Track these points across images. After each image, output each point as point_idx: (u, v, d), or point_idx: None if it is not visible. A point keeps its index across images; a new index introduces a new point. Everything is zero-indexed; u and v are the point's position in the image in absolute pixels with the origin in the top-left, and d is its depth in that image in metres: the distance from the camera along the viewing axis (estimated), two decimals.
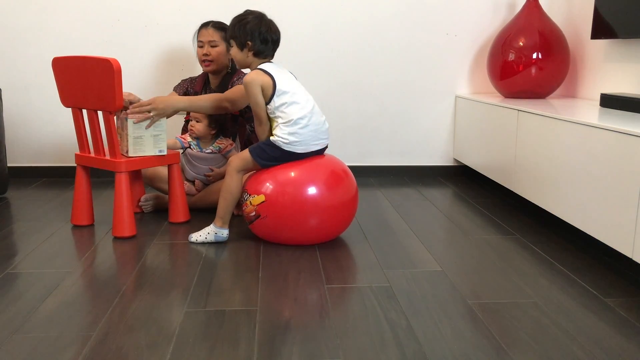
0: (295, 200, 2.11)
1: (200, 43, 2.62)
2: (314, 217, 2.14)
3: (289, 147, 2.13)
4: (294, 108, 2.12)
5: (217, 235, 2.22)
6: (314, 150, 2.19)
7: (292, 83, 2.18)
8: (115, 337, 1.49)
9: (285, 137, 2.11)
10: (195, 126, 2.53)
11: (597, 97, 2.86)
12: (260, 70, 2.13)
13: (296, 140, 2.12)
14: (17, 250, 2.15)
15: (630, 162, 1.80)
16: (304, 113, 2.12)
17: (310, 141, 2.16)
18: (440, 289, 1.82)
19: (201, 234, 2.23)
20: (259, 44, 2.15)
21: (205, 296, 1.75)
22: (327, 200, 2.14)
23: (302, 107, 2.13)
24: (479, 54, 3.41)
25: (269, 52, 2.20)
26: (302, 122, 2.12)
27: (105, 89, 2.18)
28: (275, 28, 2.20)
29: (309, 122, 2.13)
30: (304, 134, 2.13)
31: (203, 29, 2.63)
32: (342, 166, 2.26)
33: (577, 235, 2.33)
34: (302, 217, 2.12)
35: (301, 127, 2.12)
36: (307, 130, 2.13)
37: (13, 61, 3.22)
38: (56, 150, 3.33)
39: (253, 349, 1.44)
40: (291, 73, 2.26)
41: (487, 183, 3.31)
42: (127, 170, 2.28)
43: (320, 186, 2.13)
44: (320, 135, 2.19)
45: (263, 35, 2.15)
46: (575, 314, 1.65)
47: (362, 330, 1.54)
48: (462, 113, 3.36)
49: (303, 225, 2.15)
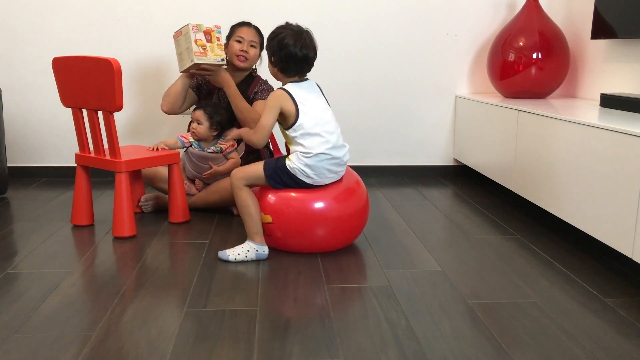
0: (302, 217, 2.05)
1: (241, 39, 2.64)
2: (322, 230, 2.08)
3: (305, 178, 2.03)
4: (315, 141, 2.01)
5: (259, 253, 2.04)
6: (329, 182, 2.09)
7: (318, 113, 2.05)
8: (115, 337, 1.49)
9: (302, 168, 2.01)
10: (197, 129, 2.53)
11: (597, 97, 2.86)
12: (286, 93, 2.02)
13: (313, 173, 2.02)
14: (17, 250, 2.15)
15: (630, 162, 1.80)
16: (324, 149, 2.01)
17: (327, 174, 2.05)
18: (440, 289, 1.82)
19: (240, 252, 2.03)
20: (283, 61, 2.03)
21: (205, 296, 1.75)
22: (335, 212, 2.07)
23: (325, 142, 2.01)
24: (479, 54, 3.41)
25: (296, 71, 2.07)
26: (321, 157, 2.01)
27: (105, 89, 2.18)
28: (309, 45, 2.05)
29: (328, 158, 2.02)
30: (320, 167, 2.02)
31: (245, 27, 2.67)
32: (355, 178, 2.20)
33: (577, 235, 2.33)
34: (310, 232, 2.07)
35: (320, 160, 2.01)
36: (325, 164, 2.02)
37: (13, 61, 3.22)
38: (56, 150, 3.33)
39: (253, 349, 1.44)
40: (323, 96, 2.15)
41: (487, 183, 3.31)
42: (127, 170, 2.28)
43: (329, 202, 2.07)
44: (339, 168, 2.08)
45: (289, 53, 2.01)
46: (575, 314, 1.65)
47: (362, 330, 1.54)
48: (462, 113, 3.36)
49: (312, 239, 2.09)
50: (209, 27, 2.46)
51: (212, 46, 2.45)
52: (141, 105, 3.32)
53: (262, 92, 2.68)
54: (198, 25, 2.43)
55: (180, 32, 2.48)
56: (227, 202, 2.60)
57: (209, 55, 2.45)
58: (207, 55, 2.44)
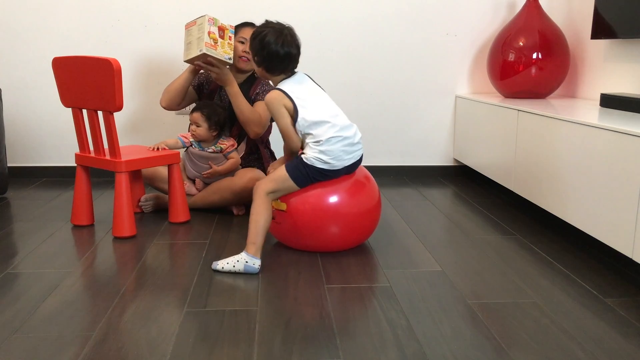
0: (316, 211, 2.04)
1: (243, 39, 2.64)
2: (335, 227, 2.07)
3: (323, 165, 2.01)
4: (322, 128, 2.00)
5: (248, 265, 1.93)
6: (349, 163, 2.07)
7: (317, 101, 2.05)
8: (115, 337, 1.49)
9: (317, 156, 1.99)
10: (197, 131, 2.53)
11: (597, 97, 2.86)
12: (281, 92, 2.01)
13: (329, 158, 2.00)
14: (17, 250, 2.15)
15: (630, 162, 1.80)
16: (333, 132, 2.00)
17: (344, 155, 2.03)
18: (440, 289, 1.82)
19: (228, 262, 1.95)
20: (267, 60, 2.01)
21: (205, 296, 1.75)
22: (348, 208, 2.07)
23: (332, 126, 2.00)
24: (479, 54, 3.41)
25: (281, 69, 2.04)
26: (332, 140, 2.00)
27: (105, 89, 2.18)
28: (291, 41, 2.01)
29: (340, 139, 2.01)
30: (334, 149, 2.00)
31: (247, 28, 2.67)
32: (364, 172, 2.19)
33: (577, 235, 2.33)
34: (322, 227, 2.06)
35: (332, 144, 2.00)
36: (338, 146, 2.01)
37: (13, 61, 3.22)
38: (56, 150, 3.33)
39: (253, 349, 1.44)
40: (315, 83, 2.14)
41: (487, 183, 3.31)
42: (127, 170, 2.28)
43: (343, 196, 2.06)
44: (353, 147, 2.06)
45: (271, 51, 1.99)
46: (575, 314, 1.65)
47: (362, 330, 1.54)
48: (462, 113, 3.36)
49: (323, 234, 2.08)
50: (224, 24, 2.46)
51: (222, 42, 2.45)
52: (141, 105, 3.32)
53: (264, 93, 2.68)
54: (214, 19, 2.43)
55: (195, 22, 2.47)
56: (227, 202, 2.60)
57: (218, 50, 2.44)
58: (217, 50, 2.44)
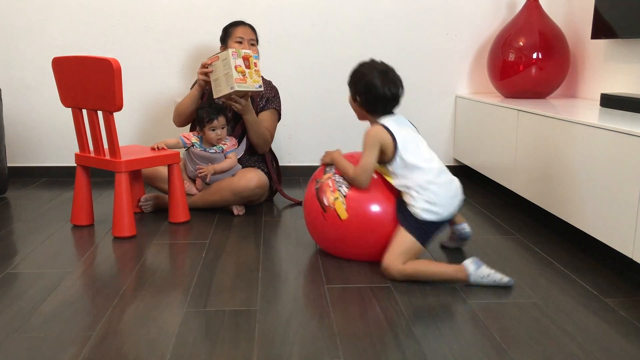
0: (376, 223, 1.98)
1: (240, 39, 2.66)
2: (386, 238, 1.97)
3: (429, 215, 1.90)
4: (418, 172, 1.92)
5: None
6: (452, 212, 1.98)
7: (416, 143, 1.98)
8: (115, 337, 1.49)
9: (423, 207, 1.90)
10: (223, 134, 2.57)
11: (597, 97, 2.86)
12: (382, 127, 1.95)
13: (435, 208, 1.90)
14: (17, 250, 2.15)
15: (630, 162, 1.80)
16: (432, 176, 1.92)
17: (450, 201, 1.96)
18: (440, 289, 1.82)
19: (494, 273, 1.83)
20: (371, 103, 1.99)
21: (205, 296, 1.75)
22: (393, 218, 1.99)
23: (429, 169, 1.93)
24: (479, 54, 3.41)
25: (384, 110, 2.01)
26: (432, 187, 1.91)
27: (105, 89, 2.18)
28: (398, 83, 1.98)
29: (439, 185, 1.93)
30: (440, 195, 1.91)
31: (241, 27, 2.69)
32: None
33: (577, 235, 2.33)
34: (378, 238, 1.98)
35: (436, 190, 1.91)
36: (443, 190, 1.93)
37: (13, 61, 3.22)
38: (56, 150, 3.33)
39: (253, 349, 1.44)
40: (412, 125, 2.08)
41: (487, 183, 3.31)
42: (127, 170, 2.28)
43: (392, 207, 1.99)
44: (454, 192, 1.98)
45: (378, 95, 1.96)
46: (575, 314, 1.65)
47: (362, 330, 1.54)
48: (462, 113, 3.36)
49: (375, 245, 1.99)
50: (247, 53, 2.44)
51: (250, 72, 2.43)
52: (141, 105, 3.32)
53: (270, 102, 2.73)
54: (237, 52, 2.42)
55: (217, 57, 2.46)
56: (228, 202, 2.60)
57: (248, 82, 2.43)
58: (247, 82, 2.42)
